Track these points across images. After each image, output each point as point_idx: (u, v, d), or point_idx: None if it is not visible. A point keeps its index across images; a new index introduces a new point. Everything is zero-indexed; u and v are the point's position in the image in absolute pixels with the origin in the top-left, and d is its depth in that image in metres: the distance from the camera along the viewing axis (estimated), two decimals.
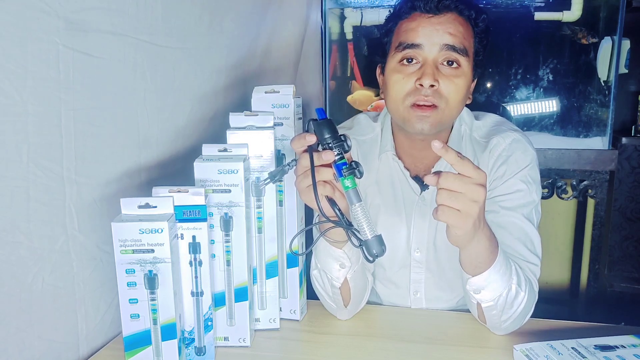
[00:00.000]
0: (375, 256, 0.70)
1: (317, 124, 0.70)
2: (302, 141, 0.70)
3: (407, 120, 0.88)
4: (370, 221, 0.70)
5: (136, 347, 0.72)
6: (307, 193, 0.72)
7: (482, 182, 0.67)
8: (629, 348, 0.73)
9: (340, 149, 0.69)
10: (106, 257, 0.81)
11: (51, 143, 0.71)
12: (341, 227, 0.73)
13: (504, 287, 0.78)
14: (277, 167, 0.75)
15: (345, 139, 0.70)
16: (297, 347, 0.86)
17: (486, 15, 0.90)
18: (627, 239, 1.71)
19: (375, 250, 0.69)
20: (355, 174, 0.70)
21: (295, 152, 0.73)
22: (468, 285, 0.80)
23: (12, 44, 0.63)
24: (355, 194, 0.70)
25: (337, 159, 0.69)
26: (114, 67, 0.80)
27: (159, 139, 0.93)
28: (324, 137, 0.70)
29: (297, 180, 0.73)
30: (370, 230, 0.70)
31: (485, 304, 0.80)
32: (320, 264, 0.86)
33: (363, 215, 0.70)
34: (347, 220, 0.73)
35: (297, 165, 0.72)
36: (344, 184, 0.70)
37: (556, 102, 1.71)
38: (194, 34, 0.98)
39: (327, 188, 0.72)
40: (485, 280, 0.77)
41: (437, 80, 0.84)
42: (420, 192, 0.97)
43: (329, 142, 0.69)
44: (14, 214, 0.68)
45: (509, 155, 0.93)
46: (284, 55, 1.41)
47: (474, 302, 0.82)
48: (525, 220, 0.89)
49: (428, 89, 0.84)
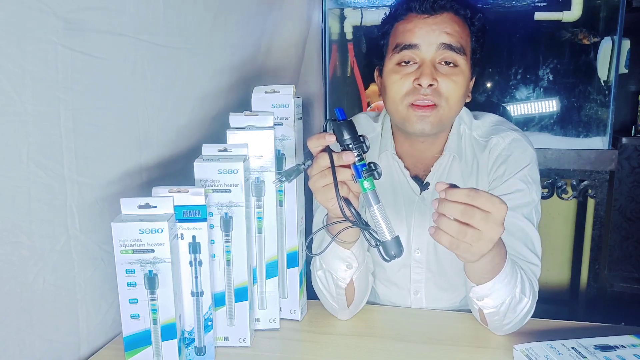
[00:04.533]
0: (393, 257, 0.70)
1: (337, 125, 0.69)
2: (321, 141, 0.70)
3: (407, 120, 0.87)
4: (388, 222, 0.70)
5: (136, 347, 0.72)
6: (323, 193, 0.71)
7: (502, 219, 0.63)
8: (629, 348, 0.73)
9: (359, 150, 0.69)
10: (107, 257, 0.82)
11: (51, 143, 0.71)
12: (358, 227, 0.72)
13: (507, 294, 0.78)
14: (291, 167, 0.74)
15: (364, 140, 0.70)
16: (297, 347, 0.86)
17: (482, 14, 0.90)
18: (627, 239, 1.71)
19: (394, 251, 0.69)
20: (374, 176, 0.69)
21: (312, 151, 0.72)
22: (471, 292, 0.79)
23: (9, 43, 0.63)
24: (374, 195, 0.70)
25: (357, 160, 0.69)
26: (115, 67, 0.80)
27: (160, 139, 0.93)
28: (344, 137, 0.69)
29: (312, 180, 0.72)
30: (389, 232, 0.70)
31: (487, 310, 0.80)
32: (326, 265, 0.86)
33: (382, 216, 0.69)
34: (364, 221, 0.72)
35: (313, 164, 0.71)
36: (363, 185, 0.69)
37: (556, 102, 1.71)
38: (195, 33, 0.98)
39: (344, 188, 0.71)
40: (489, 289, 0.77)
41: (435, 80, 0.84)
42: (420, 192, 0.97)
43: (349, 143, 0.69)
44: (15, 214, 0.68)
45: (508, 155, 0.93)
46: (286, 55, 1.41)
47: (476, 307, 0.82)
48: (525, 220, 0.89)
49: (427, 89, 0.84)
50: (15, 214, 0.68)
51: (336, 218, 0.75)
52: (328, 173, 0.69)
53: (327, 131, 0.70)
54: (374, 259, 0.98)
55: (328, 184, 0.70)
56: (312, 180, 0.72)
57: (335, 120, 0.70)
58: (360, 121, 1.05)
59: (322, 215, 0.81)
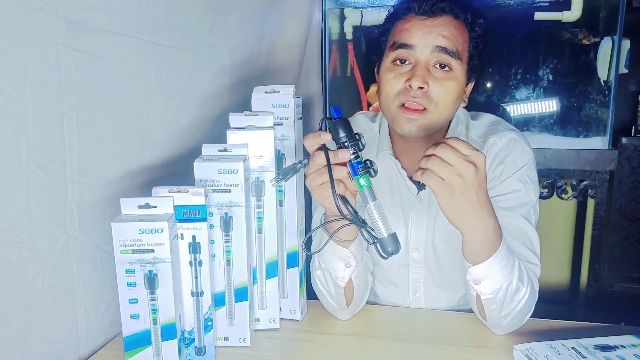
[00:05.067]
0: (390, 254, 0.70)
1: (333, 123, 0.70)
2: (317, 139, 0.70)
3: (395, 120, 0.88)
4: (385, 219, 0.70)
5: (136, 347, 0.72)
6: (319, 191, 0.72)
7: (475, 161, 0.69)
8: (629, 348, 0.73)
9: (355, 147, 0.69)
10: (107, 257, 0.81)
11: (53, 143, 0.71)
12: (356, 225, 0.73)
13: (504, 279, 0.78)
14: (288, 166, 0.74)
15: (360, 137, 0.70)
16: (297, 347, 0.86)
17: (483, 19, 0.90)
18: (627, 239, 1.71)
19: (391, 248, 0.70)
20: (370, 173, 0.70)
21: (308, 150, 0.72)
22: (468, 274, 0.79)
23: (11, 44, 0.63)
24: (370, 192, 0.70)
25: (353, 157, 0.69)
26: (117, 67, 0.80)
27: (163, 139, 0.93)
28: (340, 135, 0.69)
29: (308, 179, 0.73)
30: (386, 229, 0.70)
31: (484, 296, 0.80)
32: (325, 264, 0.86)
33: (378, 213, 0.70)
34: (361, 218, 0.73)
35: (310, 163, 0.72)
36: (359, 182, 0.70)
37: (556, 102, 1.71)
38: (197, 33, 0.98)
39: (340, 186, 0.72)
40: (485, 270, 0.77)
41: (426, 83, 0.84)
42: (417, 192, 0.97)
43: (345, 141, 0.69)
44: (15, 214, 0.68)
45: (506, 155, 0.93)
46: (287, 55, 1.41)
47: (474, 294, 0.82)
48: (524, 220, 0.89)
49: (417, 91, 0.84)
50: (16, 214, 0.68)
51: (334, 216, 0.75)
52: (324, 171, 0.70)
53: (323, 130, 0.71)
54: (373, 259, 0.98)
55: (325, 182, 0.70)
56: (309, 178, 0.72)
57: (330, 119, 0.70)
58: (358, 121, 1.05)
59: (321, 214, 0.81)
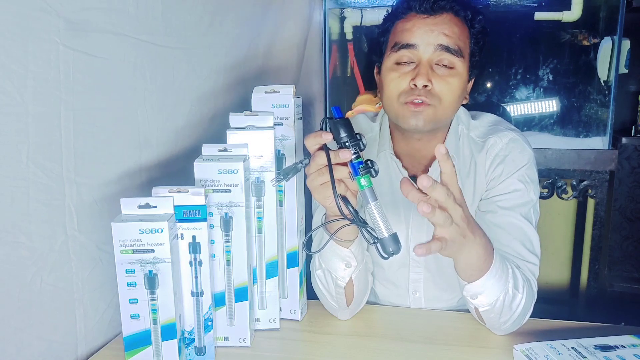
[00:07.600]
0: (391, 254, 0.70)
1: (334, 123, 0.69)
2: (318, 139, 0.70)
3: (401, 116, 0.88)
4: (386, 219, 0.70)
5: (136, 347, 0.72)
6: (320, 191, 0.72)
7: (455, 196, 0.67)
8: (629, 348, 0.73)
9: (356, 147, 0.69)
10: (106, 257, 0.81)
11: (51, 143, 0.71)
12: (356, 225, 0.72)
13: (500, 291, 0.78)
14: (289, 165, 0.74)
15: (360, 137, 0.70)
16: (297, 347, 0.86)
17: (482, 16, 0.90)
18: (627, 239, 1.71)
19: (392, 248, 0.70)
20: (371, 173, 0.70)
21: (309, 149, 0.72)
22: (465, 291, 0.80)
23: (12, 43, 0.63)
24: (371, 192, 0.70)
25: (354, 157, 0.69)
26: (115, 67, 0.80)
27: (159, 139, 0.93)
28: (341, 135, 0.69)
29: (309, 179, 0.72)
30: (387, 229, 0.70)
31: (482, 308, 0.80)
32: (325, 264, 0.86)
33: (379, 213, 0.70)
34: (361, 218, 0.73)
35: (311, 162, 0.71)
36: (360, 182, 0.69)
37: (556, 102, 1.70)
38: (194, 33, 0.98)
39: (341, 186, 0.71)
40: (481, 286, 0.77)
41: (430, 81, 0.85)
42: None
43: (346, 141, 0.69)
44: (14, 214, 0.68)
45: (506, 155, 0.93)
46: (286, 55, 1.41)
47: (472, 306, 0.82)
48: (524, 220, 0.89)
49: (421, 89, 0.85)
50: (15, 214, 0.68)
51: (334, 216, 0.75)
52: (325, 171, 0.70)
53: (324, 129, 0.71)
54: (373, 258, 0.98)
55: (325, 182, 0.70)
56: (310, 178, 0.72)
57: (331, 119, 0.70)
58: (359, 121, 1.05)
59: (322, 214, 0.81)
